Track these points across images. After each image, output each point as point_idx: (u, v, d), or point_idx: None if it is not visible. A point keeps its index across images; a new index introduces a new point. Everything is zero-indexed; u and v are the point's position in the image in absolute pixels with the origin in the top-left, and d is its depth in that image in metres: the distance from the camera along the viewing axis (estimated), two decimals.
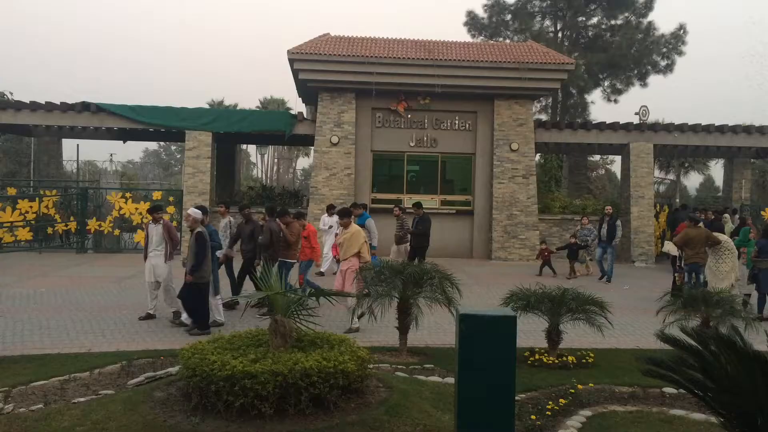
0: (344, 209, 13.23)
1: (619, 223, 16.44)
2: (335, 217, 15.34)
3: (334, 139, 20.62)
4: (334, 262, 14.71)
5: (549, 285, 8.08)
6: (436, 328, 9.73)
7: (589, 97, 34.71)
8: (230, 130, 21.26)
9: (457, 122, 21.39)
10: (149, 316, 10.00)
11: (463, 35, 63.65)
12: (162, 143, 69.56)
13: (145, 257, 10.10)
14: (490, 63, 20.15)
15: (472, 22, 35.32)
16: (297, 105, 63.55)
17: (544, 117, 33.93)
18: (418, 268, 7.83)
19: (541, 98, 32.32)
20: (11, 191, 20.92)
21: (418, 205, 14.60)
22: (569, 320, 7.84)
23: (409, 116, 21.20)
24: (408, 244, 14.43)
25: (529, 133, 21.25)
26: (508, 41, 32.22)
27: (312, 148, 25.46)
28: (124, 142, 24.86)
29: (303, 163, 68.37)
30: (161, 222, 10.18)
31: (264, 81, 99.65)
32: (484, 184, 21.39)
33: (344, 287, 9.27)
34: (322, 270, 15.23)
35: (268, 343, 5.75)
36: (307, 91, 21.78)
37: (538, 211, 21.28)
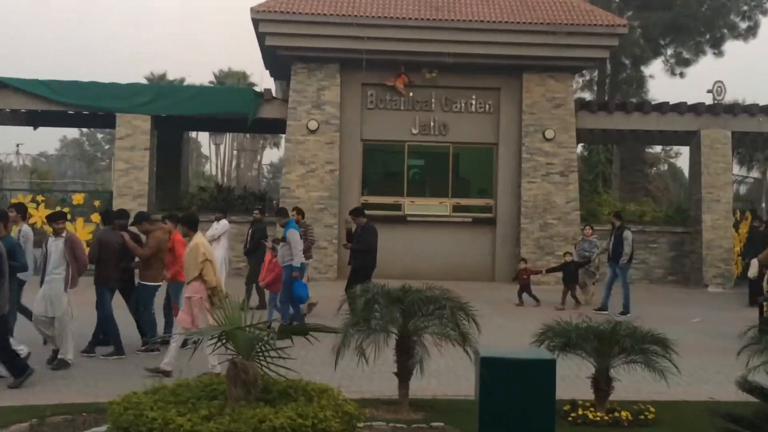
0: (281, 209, 13.49)
1: (627, 234, 16.02)
2: (223, 223, 15.51)
3: (312, 125, 20.65)
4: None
5: (594, 317, 8.09)
6: (447, 373, 9.66)
7: (646, 70, 34.97)
8: (175, 112, 21.29)
9: (473, 103, 21.45)
10: (63, 364, 9.81)
11: None
12: (85, 130, 69.43)
13: (41, 282, 9.94)
14: (517, 25, 20.24)
15: None
16: (263, 80, 63.66)
17: (588, 96, 34.09)
18: (424, 295, 7.81)
19: (584, 71, 32.42)
20: None
21: (357, 212, 14.24)
22: (622, 363, 7.83)
23: (411, 95, 21.27)
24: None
25: (569, 117, 21.33)
26: None
27: (283, 136, 25.48)
28: (35, 129, 24.80)
29: (271, 156, 68.57)
30: (63, 235, 10.03)
31: (220, 48, 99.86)
32: (509, 184, 21.46)
33: (194, 322, 9.29)
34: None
35: (225, 395, 5.71)
36: (277, 61, 21.82)
37: (581, 219, 21.31)
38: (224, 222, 15.65)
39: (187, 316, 9.39)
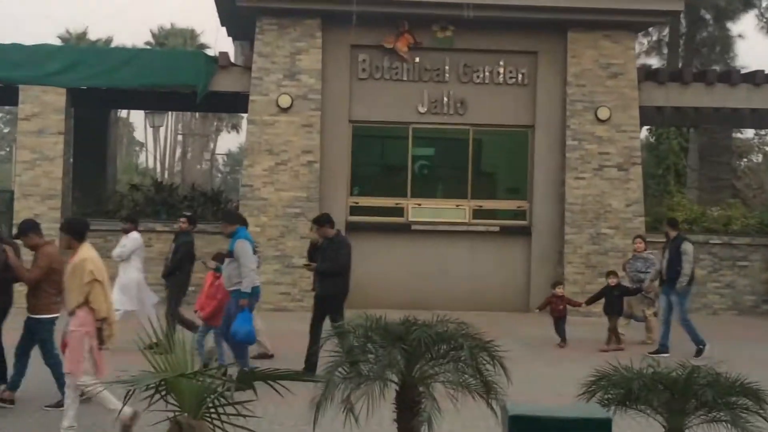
0: (229, 212, 13.25)
1: (686, 247, 15.81)
2: (133, 237, 15.25)
3: (285, 101, 20.69)
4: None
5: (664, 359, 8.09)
6: None
7: (734, 28, 35.00)
8: (100, 84, 21.43)
9: (501, 71, 21.54)
10: None
11: None
12: None
13: None
14: None
15: None
16: (218, 41, 63.71)
17: (656, 63, 34.18)
18: (433, 332, 7.82)
19: (650, 30, 32.53)
20: None
21: (322, 221, 13.78)
22: (702, 423, 7.84)
23: (418, 60, 21.35)
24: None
25: (630, 91, 21.43)
26: None
27: (244, 116, 25.46)
28: None
29: (229, 142, 68.60)
30: None
31: None
32: (549, 181, 21.55)
33: (68, 361, 9.45)
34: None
35: None
36: (237, 15, 21.82)
37: (647, 228, 21.35)
38: (135, 235, 15.38)
39: (76, 359, 9.35)
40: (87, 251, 9.86)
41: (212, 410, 5.89)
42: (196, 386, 5.83)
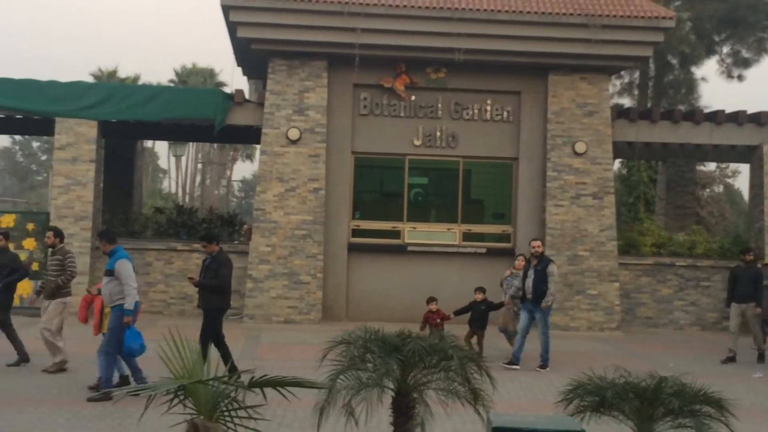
0: (105, 231, 12.96)
1: (552, 269, 15.40)
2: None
3: (293, 134, 20.70)
4: None
5: (634, 369, 8.05)
6: None
7: (698, 72, 35.08)
8: (128, 117, 21.39)
9: (489, 109, 21.58)
10: None
11: None
12: (18, 138, 69.61)
13: None
14: (542, 16, 20.33)
15: None
16: (234, 80, 63.82)
17: (627, 102, 34.24)
18: (427, 344, 7.78)
19: (622, 73, 32.61)
20: None
21: (209, 238, 13.36)
22: (670, 428, 7.79)
23: (414, 98, 21.38)
24: (67, 298, 13.45)
25: (604, 128, 21.44)
26: None
27: (257, 147, 25.47)
28: None
29: (243, 170, 68.55)
30: None
31: (183, 41, 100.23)
32: (531, 208, 21.55)
33: None
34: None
35: None
36: (251, 57, 21.91)
37: (619, 251, 21.33)
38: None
39: None
40: None
41: (226, 413, 5.86)
42: (211, 391, 5.80)
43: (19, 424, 10.20)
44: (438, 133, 21.45)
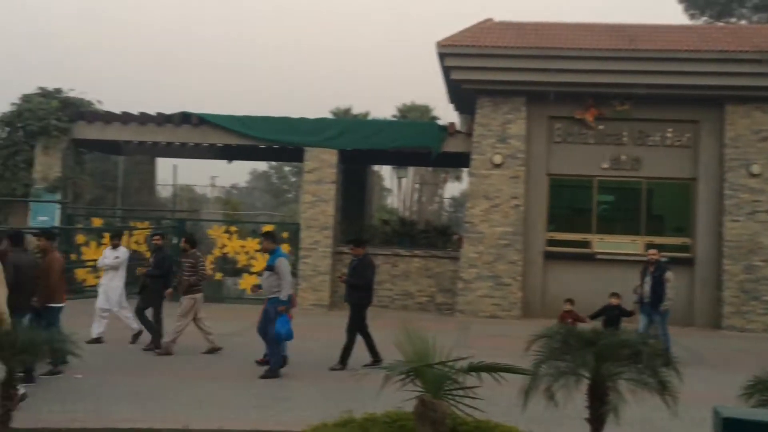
0: (269, 233, 12.63)
1: (668, 275, 14.34)
2: (122, 251, 14.53)
3: (497, 159, 20.67)
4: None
5: None
6: (642, 423, 9.35)
7: None
8: (361, 146, 21.97)
9: (669, 136, 20.78)
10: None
11: (678, 16, 61.74)
12: (273, 163, 73.00)
13: None
14: (718, 53, 19.54)
15: None
16: (446, 114, 64.50)
17: None
18: (618, 339, 7.57)
19: None
20: (97, 222, 22.79)
21: (357, 242, 13.21)
22: None
23: (601, 128, 20.88)
24: (197, 294, 13.39)
25: None
26: (743, 22, 30.87)
27: (466, 170, 25.62)
28: (229, 162, 26.41)
29: (452, 189, 68.99)
30: None
31: (403, 82, 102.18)
32: (709, 222, 20.54)
33: None
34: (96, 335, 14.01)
35: (412, 431, 5.77)
36: (462, 95, 22.09)
37: None
38: (122, 250, 14.69)
39: None
40: None
41: (448, 392, 5.91)
42: (437, 373, 5.86)
43: (282, 392, 10.64)
44: (623, 157, 20.86)
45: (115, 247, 14.45)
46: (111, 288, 14.04)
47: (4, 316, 9.01)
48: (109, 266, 14.15)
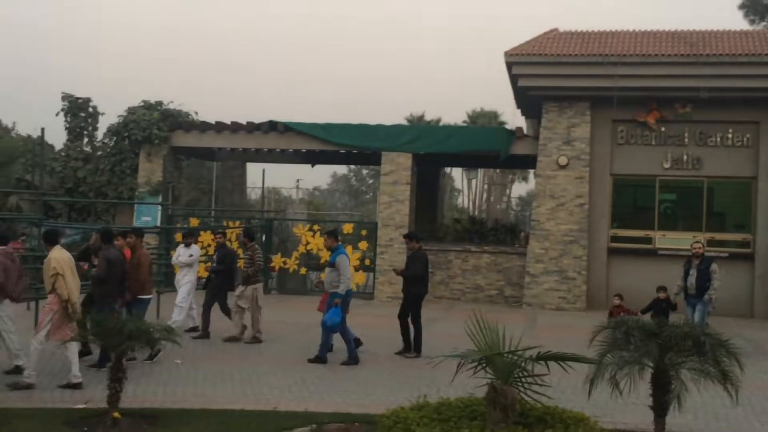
0: (331, 231, 12.43)
1: (714, 267, 13.67)
2: (194, 249, 14.31)
3: (563, 160, 20.39)
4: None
5: None
6: (704, 410, 9.12)
7: None
8: (434, 150, 21.96)
9: (730, 136, 20.16)
10: None
11: (737, 22, 59.68)
12: (352, 167, 73.60)
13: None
14: None
15: (752, 2, 33.13)
16: (513, 118, 63.76)
17: None
18: (681, 331, 7.40)
19: None
20: (194, 222, 23.39)
21: (410, 236, 13.16)
22: None
23: (663, 129, 20.39)
24: (257, 284, 13.28)
25: None
26: None
27: (532, 171, 25.35)
28: (312, 166, 26.71)
29: (519, 189, 68.33)
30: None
31: (472, 90, 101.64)
32: None
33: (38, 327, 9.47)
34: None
35: (484, 416, 5.76)
36: (528, 101, 21.86)
37: None
38: (194, 248, 14.50)
39: (59, 328, 9.33)
40: (54, 252, 9.50)
41: (518, 379, 5.89)
42: (507, 361, 5.85)
43: (362, 377, 10.71)
44: (684, 158, 20.32)
45: (188, 245, 14.29)
46: (183, 283, 14.06)
47: (75, 307, 9.50)
48: (183, 263, 14.13)
